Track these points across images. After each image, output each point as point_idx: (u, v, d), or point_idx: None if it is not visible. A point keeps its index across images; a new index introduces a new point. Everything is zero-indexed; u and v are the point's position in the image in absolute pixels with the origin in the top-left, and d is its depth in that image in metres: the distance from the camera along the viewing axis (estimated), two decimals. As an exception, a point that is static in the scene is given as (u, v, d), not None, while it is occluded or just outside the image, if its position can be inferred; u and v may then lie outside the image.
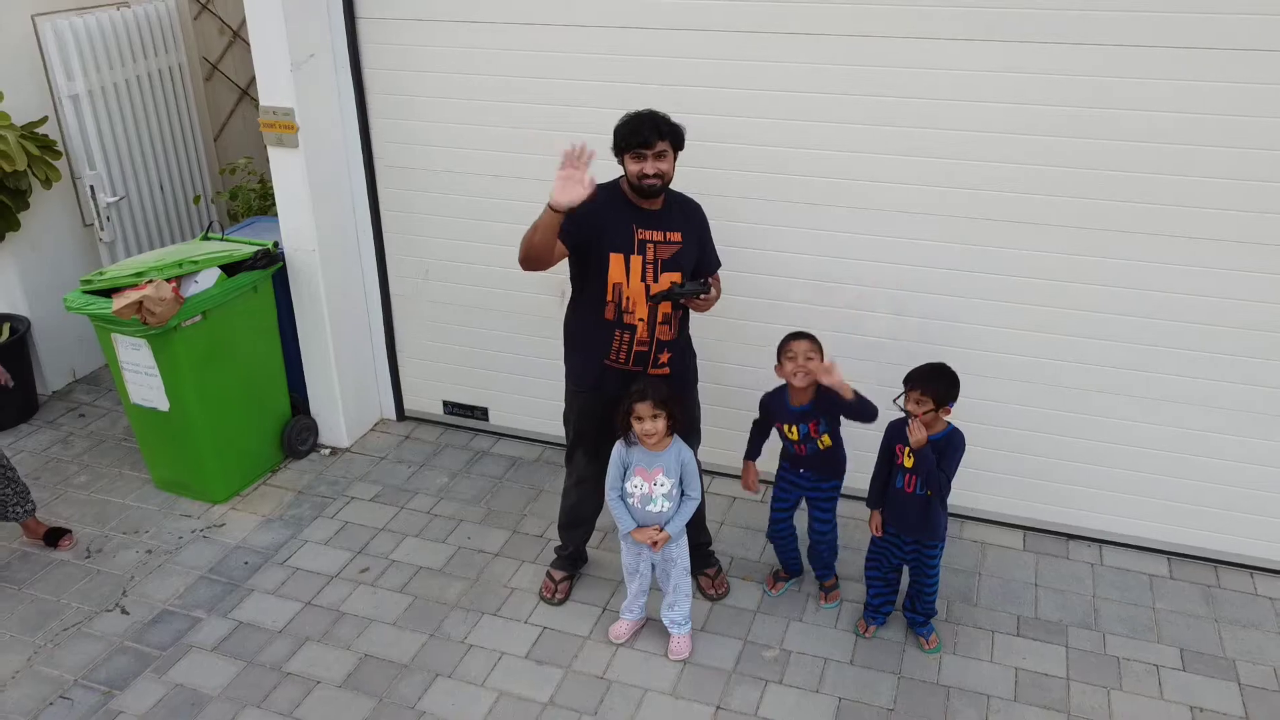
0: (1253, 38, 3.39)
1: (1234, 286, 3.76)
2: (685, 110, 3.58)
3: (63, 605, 4.10)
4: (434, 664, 3.75)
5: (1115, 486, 4.25)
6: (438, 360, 5.18)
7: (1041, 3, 3.57)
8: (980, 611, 3.97)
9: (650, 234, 3.53)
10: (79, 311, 4.35)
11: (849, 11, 3.78)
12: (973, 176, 3.89)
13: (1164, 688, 3.60)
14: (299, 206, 4.63)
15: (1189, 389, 3.97)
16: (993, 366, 4.17)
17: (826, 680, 3.65)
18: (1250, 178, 3.58)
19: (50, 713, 3.56)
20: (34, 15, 5.33)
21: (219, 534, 4.52)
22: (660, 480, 3.47)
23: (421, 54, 4.48)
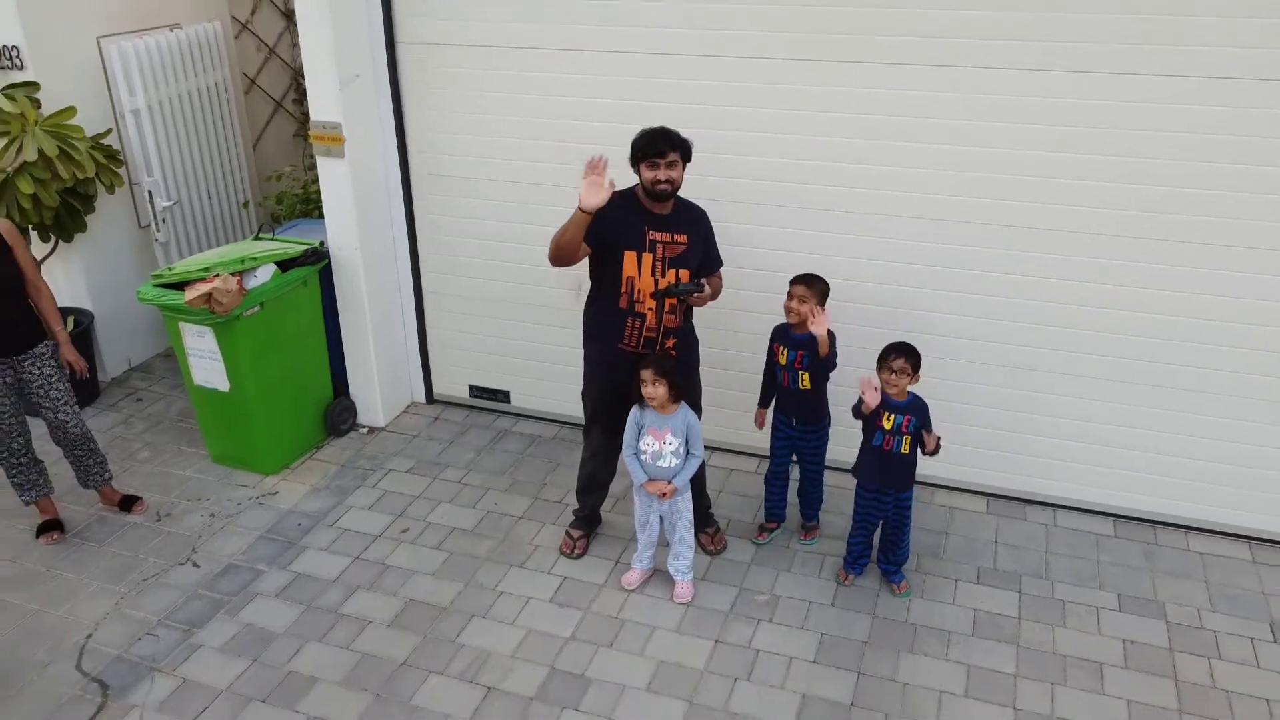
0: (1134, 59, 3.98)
1: (1174, 281, 4.33)
2: (691, 126, 4.13)
3: (140, 560, 4.66)
4: (469, 607, 4.31)
5: (1068, 457, 4.82)
6: (464, 348, 5.75)
7: (989, 33, 4.15)
8: (946, 564, 4.54)
9: (660, 235, 4.10)
10: (151, 303, 4.92)
11: (837, 42, 4.36)
12: (942, 185, 4.46)
13: (1101, 625, 4.17)
14: (344, 210, 5.20)
15: (1131, 371, 4.54)
16: (961, 351, 4.73)
17: (810, 619, 4.22)
18: (1196, 184, 4.14)
19: (140, 645, 4.12)
20: (99, 37, 5.90)
21: (273, 501, 5.09)
22: (669, 439, 4.04)
23: (453, 75, 5.05)
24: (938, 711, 3.75)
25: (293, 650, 4.10)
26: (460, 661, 4.01)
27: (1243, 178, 4.07)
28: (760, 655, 4.03)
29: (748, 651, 4.05)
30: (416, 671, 3.97)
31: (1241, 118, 3.99)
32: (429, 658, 4.03)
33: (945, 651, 4.04)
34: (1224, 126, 4.02)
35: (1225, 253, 4.21)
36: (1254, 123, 3.98)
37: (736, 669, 3.96)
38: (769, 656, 4.02)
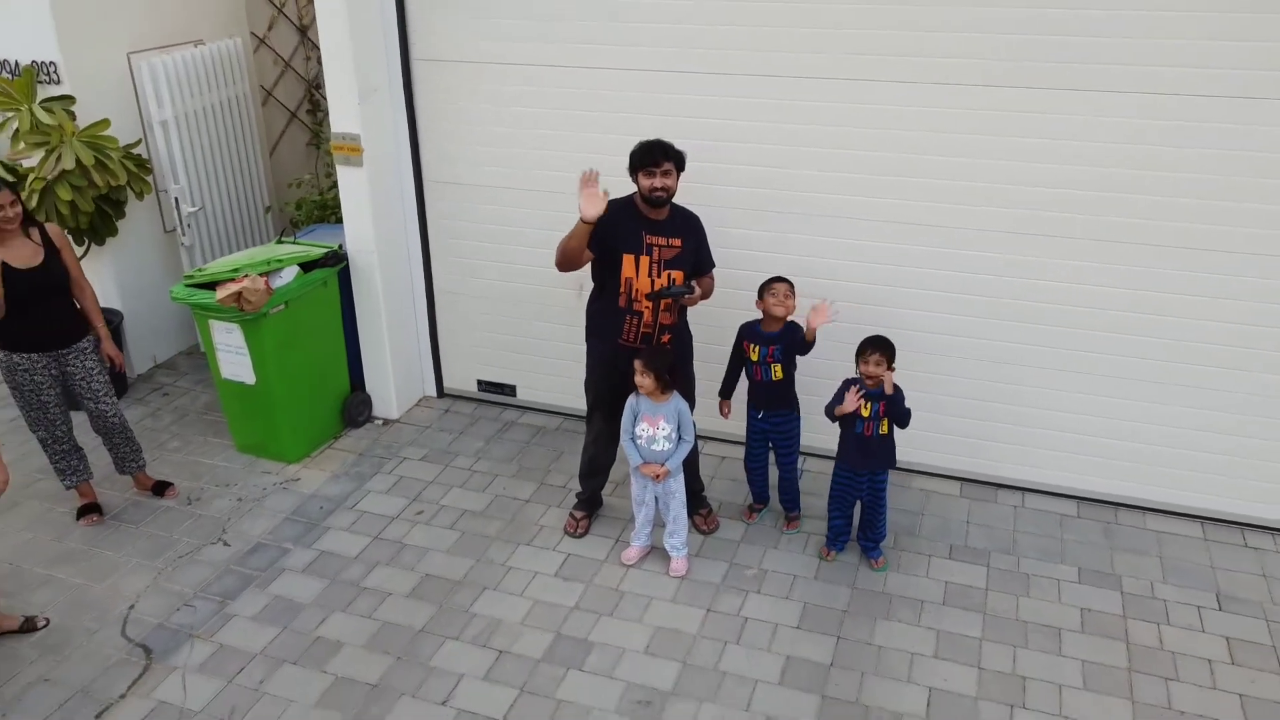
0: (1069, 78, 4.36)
1: (1135, 280, 4.70)
2: (685, 139, 4.49)
3: (175, 540, 5.03)
4: (481, 580, 4.68)
5: (1036, 444, 5.20)
6: (472, 345, 6.13)
7: (954, 54, 4.53)
8: (921, 541, 4.92)
9: (656, 239, 4.48)
10: (183, 301, 5.30)
11: (819, 62, 4.74)
12: (915, 193, 4.84)
13: (1062, 595, 4.54)
14: (361, 215, 5.58)
15: (1093, 364, 4.92)
16: (936, 346, 5.11)
17: (795, 590, 4.59)
18: (1145, 192, 4.53)
19: (179, 615, 4.49)
20: (129, 53, 6.28)
21: (296, 486, 5.46)
22: (662, 425, 4.42)
23: (463, 89, 5.43)
24: (909, 671, 4.12)
25: (319, 619, 4.46)
26: (473, 628, 4.38)
27: (1194, 186, 4.45)
28: (748, 622, 4.40)
29: (737, 619, 4.42)
30: (433, 637, 4.34)
31: (1175, 130, 4.37)
32: (445, 625, 4.40)
33: (918, 618, 4.41)
34: (1161, 139, 4.40)
35: (1178, 254, 4.59)
36: (1186, 135, 4.36)
37: (726, 634, 4.33)
38: (756, 623, 4.39)
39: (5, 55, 5.99)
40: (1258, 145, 4.31)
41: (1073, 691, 4.01)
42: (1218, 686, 4.04)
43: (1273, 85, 4.20)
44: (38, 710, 3.99)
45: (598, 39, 5.06)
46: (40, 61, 5.90)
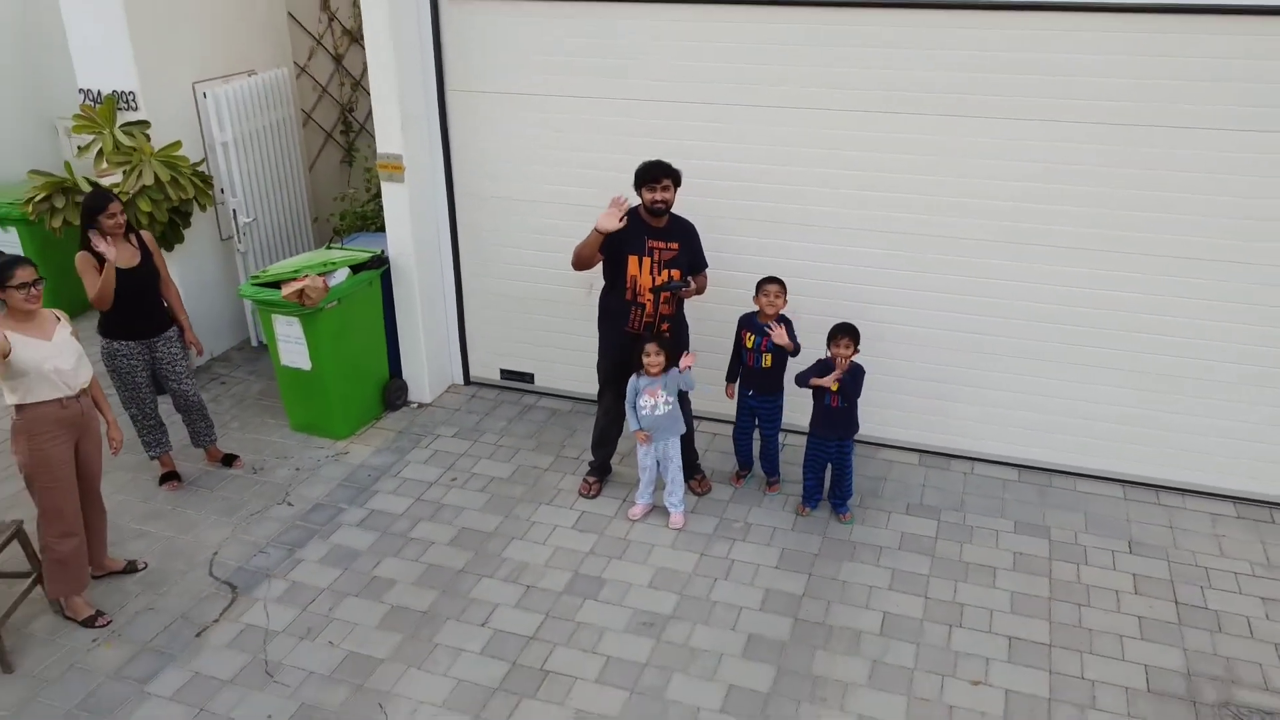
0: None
1: (1069, 279, 5.57)
2: (682, 158, 5.36)
3: (245, 501, 5.88)
4: (510, 532, 5.53)
5: (985, 419, 6.06)
6: (496, 338, 6.99)
7: (919, 87, 5.41)
8: (883, 501, 5.77)
9: (656, 243, 5.34)
10: (250, 298, 6.17)
11: (803, 95, 5.62)
12: (882, 205, 5.71)
13: (999, 542, 5.40)
14: (402, 224, 6.45)
15: (1036, 350, 5.77)
16: (902, 336, 5.95)
17: (774, 539, 5.44)
18: (1076, 204, 5.40)
19: (255, 560, 5.34)
20: (194, 83, 7.16)
21: (345, 458, 6.31)
22: (660, 394, 5.28)
23: (490, 116, 6.30)
24: (867, 599, 4.97)
25: (374, 563, 5.31)
26: (505, 569, 5.23)
27: (1122, 200, 5.32)
28: (735, 564, 5.25)
29: (725, 561, 5.27)
30: (471, 575, 5.19)
31: (1109, 154, 5.25)
32: (480, 566, 5.25)
33: (877, 560, 5.26)
34: (1094, 160, 5.28)
35: (1106, 257, 5.44)
36: (1115, 156, 5.24)
37: (717, 572, 5.18)
38: (741, 564, 5.24)
39: (89, 85, 6.86)
40: (1174, 165, 5.18)
41: (1001, 615, 4.86)
42: (1121, 611, 4.89)
43: (1184, 117, 5.08)
44: (147, 632, 4.83)
45: (608, 74, 5.94)
46: (120, 91, 6.77)
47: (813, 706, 4.34)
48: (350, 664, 4.62)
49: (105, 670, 4.60)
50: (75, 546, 4.77)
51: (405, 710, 4.34)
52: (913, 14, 5.27)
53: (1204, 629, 4.77)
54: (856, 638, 4.73)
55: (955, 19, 5.22)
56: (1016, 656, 4.60)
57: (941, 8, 5.22)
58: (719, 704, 4.36)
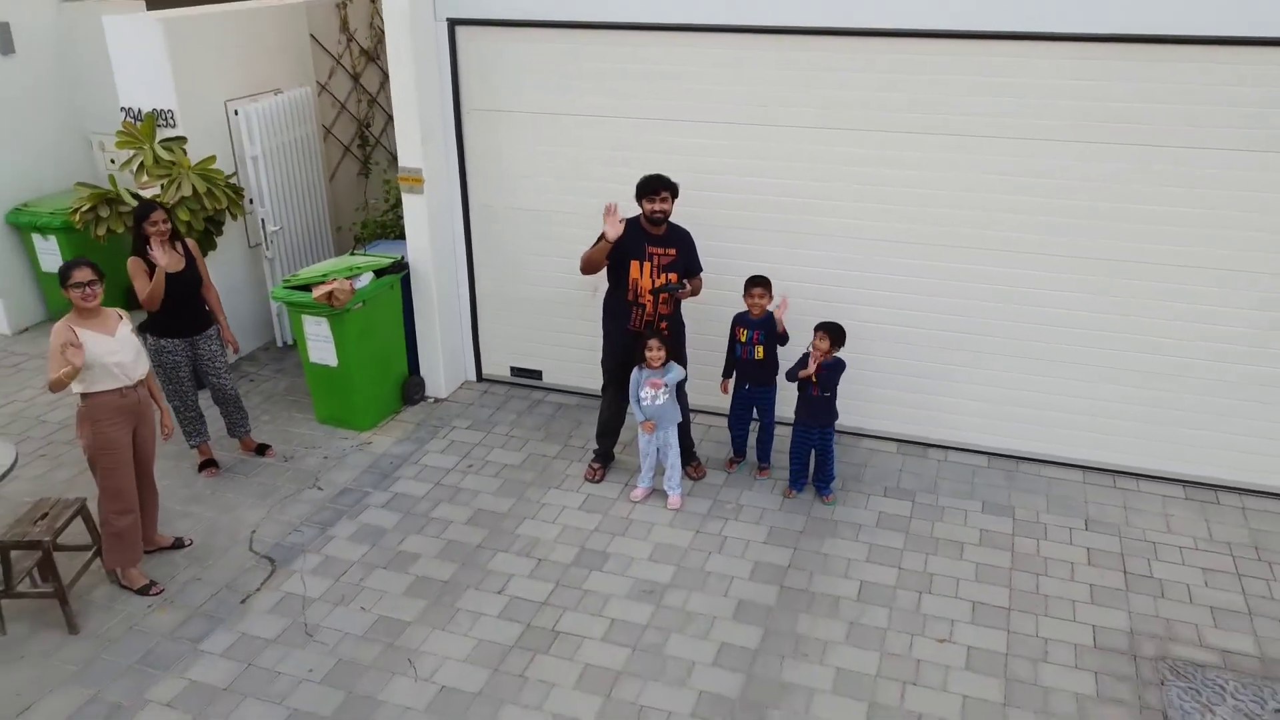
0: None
1: (1035, 282, 6.11)
2: (681, 172, 5.90)
3: (278, 486, 6.40)
4: (522, 512, 6.06)
5: (958, 411, 6.59)
6: (506, 337, 7.53)
7: (890, 108, 5.97)
8: (863, 485, 6.30)
9: (655, 250, 5.89)
10: (282, 300, 6.70)
11: (792, 114, 6.17)
12: (863, 214, 6.26)
13: (967, 520, 5.93)
14: (421, 232, 6.99)
15: (1005, 347, 6.30)
16: (883, 335, 6.48)
17: (763, 518, 5.97)
18: (1056, 214, 5.95)
19: (291, 537, 5.86)
20: (226, 101, 7.72)
21: (369, 448, 6.84)
22: (658, 384, 5.82)
23: (503, 133, 6.85)
24: (846, 570, 5.50)
25: (399, 539, 5.84)
26: (518, 544, 5.76)
27: (1094, 212, 5.87)
28: (727, 539, 5.78)
29: (719, 537, 5.81)
30: (487, 550, 5.72)
31: (1062, 169, 5.80)
32: (495, 541, 5.78)
33: (856, 536, 5.80)
34: (1056, 174, 5.83)
35: (1066, 263, 5.99)
36: (1069, 172, 5.79)
37: (710, 547, 5.71)
38: (733, 540, 5.77)
39: (130, 104, 7.42)
40: (1133, 181, 5.74)
41: (967, 582, 5.40)
42: (1075, 580, 5.42)
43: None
44: (196, 599, 5.36)
45: (613, 94, 6.49)
46: (160, 109, 7.32)
47: (795, 661, 4.87)
48: (381, 626, 5.14)
49: (161, 631, 5.12)
50: (132, 522, 5.29)
51: (431, 665, 4.87)
52: (890, 43, 5.83)
53: (1148, 595, 5.31)
54: (836, 603, 5.26)
55: (932, 47, 5.77)
56: (979, 619, 5.14)
57: (908, 36, 5.77)
58: (712, 659, 4.89)
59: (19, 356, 8.36)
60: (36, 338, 8.69)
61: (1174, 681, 4.70)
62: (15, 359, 8.32)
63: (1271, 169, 5.46)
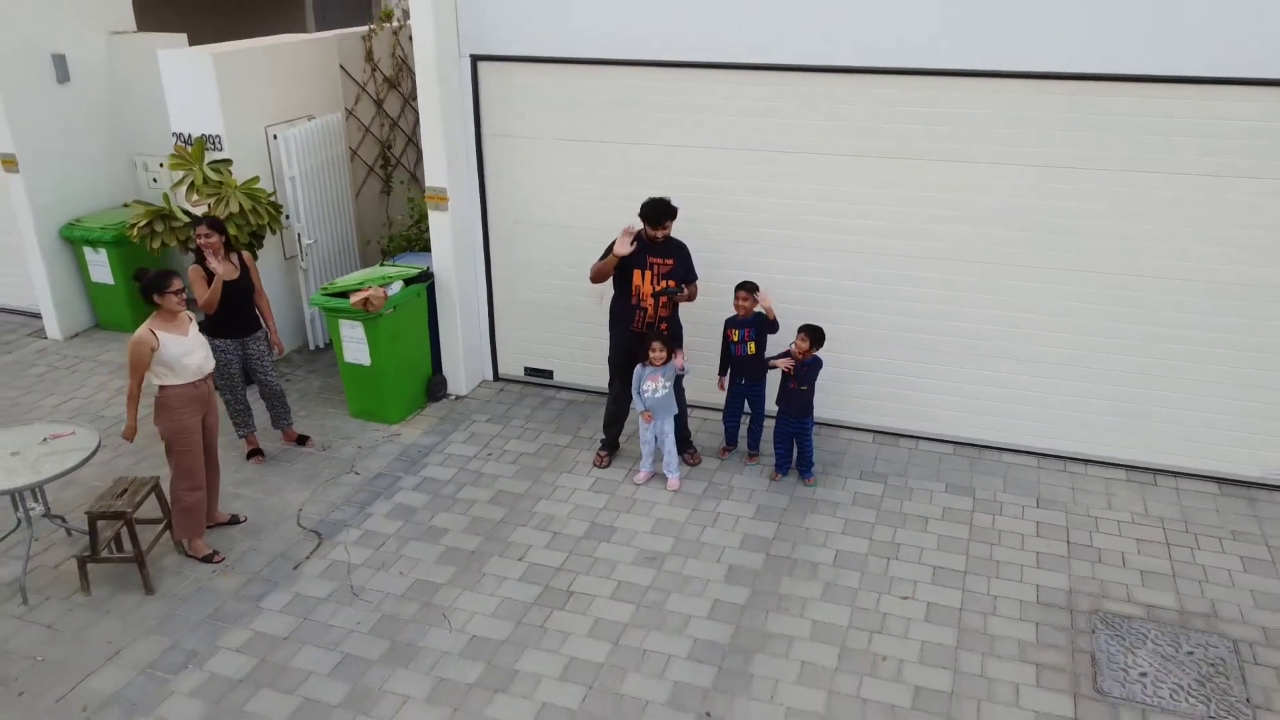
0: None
1: (993, 288, 6.91)
2: (679, 191, 6.69)
3: (318, 472, 7.17)
4: (538, 493, 6.83)
5: (927, 404, 7.37)
6: (521, 340, 8.31)
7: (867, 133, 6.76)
8: (841, 469, 7.07)
9: (656, 260, 6.67)
10: (321, 306, 7.48)
11: (784, 140, 6.97)
12: (839, 228, 7.05)
13: (932, 499, 6.69)
14: (444, 246, 7.78)
15: (969, 348, 7.09)
16: (859, 336, 7.26)
17: (752, 498, 6.74)
18: (1015, 228, 6.74)
19: (333, 514, 6.62)
20: (266, 126, 8.51)
21: (398, 439, 7.60)
22: (660, 380, 6.60)
23: (519, 157, 7.65)
24: (824, 540, 6.27)
25: (430, 517, 6.60)
26: (535, 520, 6.53)
27: (1046, 226, 6.66)
28: (720, 515, 6.55)
29: (712, 514, 6.57)
30: (508, 525, 6.48)
31: (1016, 189, 6.59)
32: (515, 518, 6.55)
33: (834, 512, 6.56)
34: (1019, 199, 6.63)
35: (1022, 271, 6.78)
36: (1025, 195, 6.59)
37: (705, 522, 6.48)
38: (725, 516, 6.54)
39: (181, 129, 8.21)
40: (1066, 200, 6.53)
41: (929, 550, 6.16)
42: (1024, 548, 6.19)
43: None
44: (254, 565, 6.12)
45: (616, 122, 7.29)
46: (208, 134, 8.12)
47: (778, 615, 5.63)
48: (417, 588, 5.90)
49: (226, 592, 5.88)
50: (200, 499, 6.06)
51: (463, 618, 5.63)
52: (866, 80, 6.63)
53: (1087, 561, 6.07)
54: (814, 568, 6.03)
55: (910, 83, 6.57)
56: (938, 580, 5.90)
57: (874, 73, 6.57)
58: (706, 613, 5.65)
59: (74, 359, 9.13)
60: (86, 343, 9.47)
61: (1103, 630, 5.47)
62: (70, 361, 9.09)
63: (1205, 190, 6.26)
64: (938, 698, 5.03)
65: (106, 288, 9.54)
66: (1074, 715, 4.91)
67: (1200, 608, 5.66)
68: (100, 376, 8.77)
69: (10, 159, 8.95)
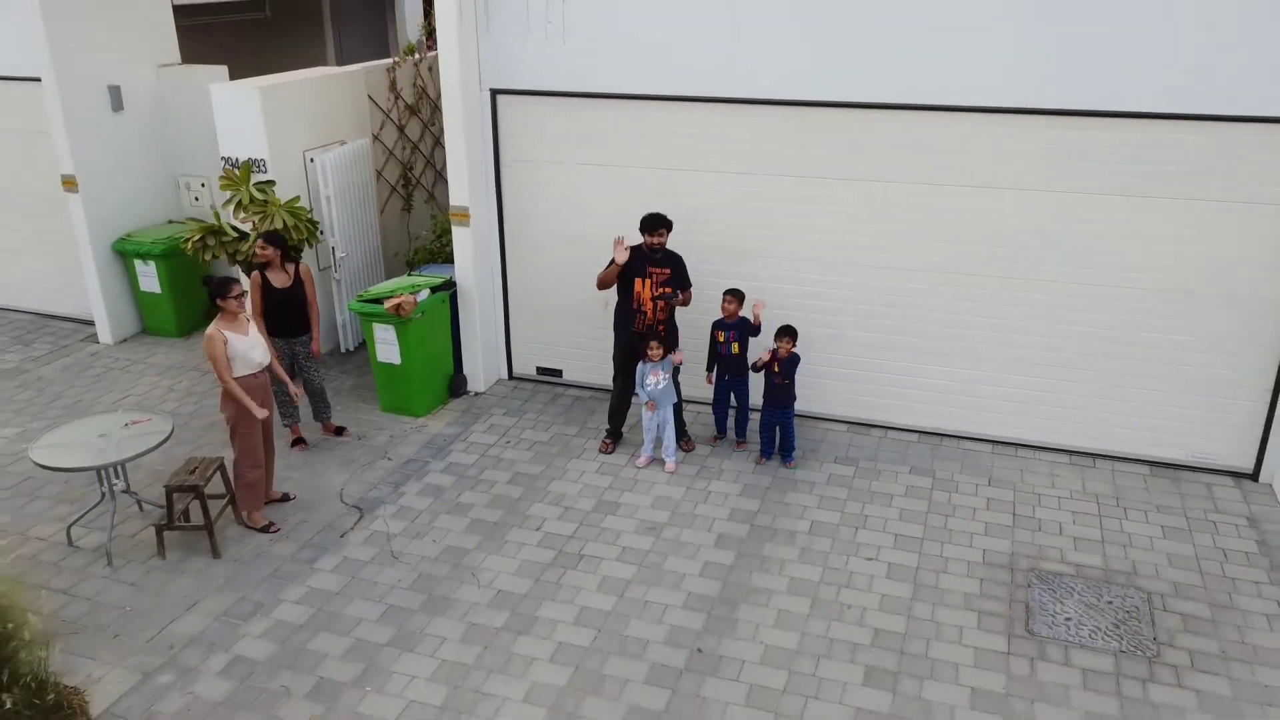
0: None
1: (953, 295, 7.86)
2: (676, 209, 7.64)
3: (355, 458, 8.09)
4: (551, 475, 7.76)
5: (895, 398, 8.31)
6: (533, 341, 9.25)
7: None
8: (818, 455, 8.01)
9: (654, 269, 7.62)
10: (357, 311, 8.42)
11: (771, 164, 7.93)
12: (814, 240, 8.01)
13: (897, 480, 7.63)
14: (466, 258, 8.73)
15: (932, 347, 8.04)
16: (834, 337, 8.20)
17: (740, 479, 7.67)
18: (970, 242, 7.70)
19: (371, 493, 7.55)
20: (304, 151, 9.48)
21: (425, 430, 8.54)
22: (660, 375, 7.54)
23: (533, 179, 8.61)
24: (802, 513, 7.19)
25: (457, 495, 7.53)
26: (549, 497, 7.45)
27: (995, 241, 7.62)
28: (711, 493, 7.48)
29: (704, 492, 7.50)
30: (526, 501, 7.40)
31: (973, 209, 7.56)
32: (531, 495, 7.47)
33: (810, 490, 7.50)
34: (978, 217, 7.59)
35: (981, 280, 7.74)
36: (1001, 214, 7.55)
37: (698, 498, 7.41)
38: (715, 494, 7.47)
39: (229, 153, 9.17)
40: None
41: (893, 520, 7.09)
42: (975, 519, 7.12)
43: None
44: (306, 534, 7.03)
45: (619, 148, 8.26)
46: (254, 158, 9.08)
47: (760, 573, 6.55)
48: (448, 553, 6.82)
49: (283, 556, 6.80)
50: (260, 475, 6.98)
51: (489, 577, 6.55)
52: (836, 113, 7.60)
53: (1029, 530, 7.00)
54: (792, 535, 6.95)
55: (875, 117, 7.55)
56: (898, 545, 6.83)
57: (846, 107, 7.55)
58: (698, 572, 6.57)
59: (125, 361, 10.07)
60: (135, 347, 10.41)
61: (1038, 585, 6.39)
62: (123, 363, 10.02)
63: (1135, 210, 7.23)
64: (893, 637, 5.96)
65: (154, 296, 10.48)
66: (1007, 650, 5.83)
67: (1123, 567, 6.59)
68: (151, 377, 9.70)
69: (71, 179, 9.91)
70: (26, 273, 11.12)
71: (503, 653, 5.86)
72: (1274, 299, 7.14)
